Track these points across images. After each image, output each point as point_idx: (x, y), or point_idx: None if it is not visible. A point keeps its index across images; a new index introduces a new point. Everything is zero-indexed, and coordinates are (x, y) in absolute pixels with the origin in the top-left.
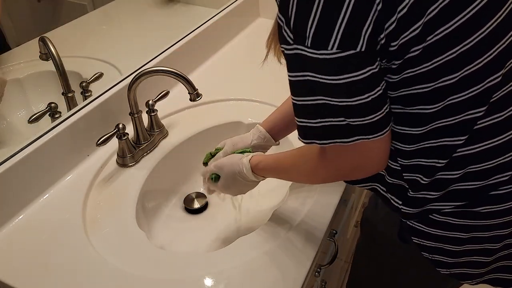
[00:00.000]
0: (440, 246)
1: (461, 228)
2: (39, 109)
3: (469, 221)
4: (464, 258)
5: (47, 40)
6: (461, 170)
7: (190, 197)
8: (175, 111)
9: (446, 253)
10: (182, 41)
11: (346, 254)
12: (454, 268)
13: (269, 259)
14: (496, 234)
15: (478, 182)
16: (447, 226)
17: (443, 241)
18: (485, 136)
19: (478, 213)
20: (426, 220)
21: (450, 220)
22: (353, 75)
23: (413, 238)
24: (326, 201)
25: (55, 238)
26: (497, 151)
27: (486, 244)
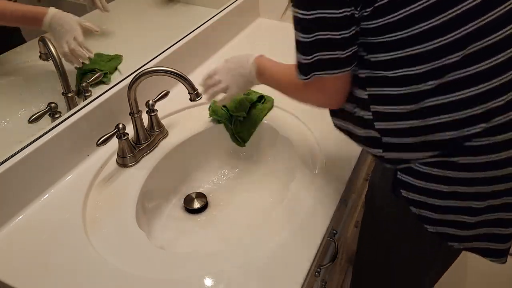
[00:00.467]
0: (424, 200)
1: (443, 180)
2: (39, 109)
3: (450, 171)
4: (448, 215)
5: (47, 40)
6: (432, 117)
7: (190, 197)
8: (175, 111)
9: (431, 207)
10: (182, 41)
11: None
12: (439, 226)
13: (269, 259)
14: (478, 191)
15: (451, 132)
16: (430, 177)
17: (427, 194)
18: (455, 87)
19: (456, 164)
20: (411, 171)
21: (431, 171)
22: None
23: (401, 191)
24: (326, 201)
25: (55, 238)
26: (468, 103)
27: (469, 202)
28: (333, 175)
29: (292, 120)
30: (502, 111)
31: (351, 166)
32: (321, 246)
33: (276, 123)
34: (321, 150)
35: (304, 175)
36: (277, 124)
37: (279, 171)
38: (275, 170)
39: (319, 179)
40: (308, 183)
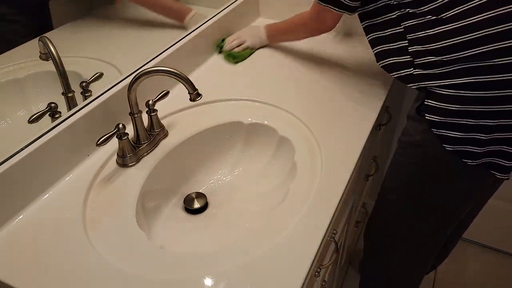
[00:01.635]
0: (445, 120)
1: (461, 100)
2: (39, 109)
3: (467, 92)
4: (466, 133)
5: (47, 40)
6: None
7: (190, 197)
8: (175, 111)
9: (451, 127)
10: (182, 41)
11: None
12: (457, 145)
13: (269, 259)
14: (489, 109)
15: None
16: (449, 98)
17: (449, 115)
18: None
19: (464, 84)
20: (433, 95)
21: (450, 92)
22: None
23: (426, 115)
24: (327, 200)
25: (55, 238)
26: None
27: (481, 120)
28: (333, 175)
29: (292, 120)
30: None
31: (351, 166)
32: (321, 246)
33: (276, 123)
34: (321, 150)
35: (304, 175)
36: (277, 124)
37: (279, 171)
38: (275, 170)
39: (319, 179)
40: (308, 183)
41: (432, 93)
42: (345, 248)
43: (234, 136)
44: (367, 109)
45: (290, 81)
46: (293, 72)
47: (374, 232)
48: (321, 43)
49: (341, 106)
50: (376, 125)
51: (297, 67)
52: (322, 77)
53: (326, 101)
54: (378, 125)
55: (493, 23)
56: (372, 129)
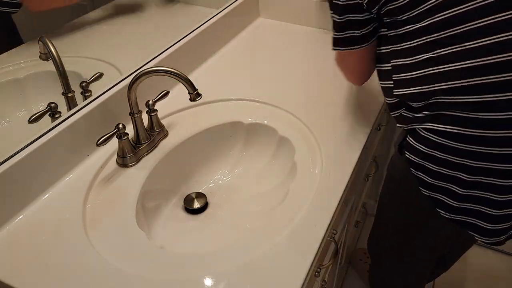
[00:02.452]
0: (422, 163)
1: (439, 146)
2: (39, 109)
3: (445, 140)
4: (440, 182)
5: (47, 40)
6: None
7: (190, 197)
8: (175, 111)
9: (427, 172)
10: (182, 41)
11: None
12: (432, 191)
13: (269, 259)
14: (465, 163)
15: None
16: (428, 142)
17: (425, 158)
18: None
19: (449, 133)
20: (414, 134)
21: (430, 136)
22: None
23: (405, 152)
24: (326, 201)
25: (55, 238)
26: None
27: (457, 172)
28: (333, 175)
29: (292, 120)
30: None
31: (351, 166)
32: (321, 246)
33: (276, 123)
34: (321, 150)
35: (304, 175)
36: (277, 124)
37: (279, 171)
38: (275, 170)
39: (319, 179)
40: (308, 183)
41: (414, 132)
42: (345, 248)
43: (234, 136)
44: (367, 109)
45: (290, 81)
46: (293, 72)
47: (371, 245)
48: (321, 43)
49: (341, 106)
50: (376, 125)
51: (297, 67)
52: (322, 77)
53: (326, 101)
54: (378, 125)
55: (476, 73)
56: (372, 129)
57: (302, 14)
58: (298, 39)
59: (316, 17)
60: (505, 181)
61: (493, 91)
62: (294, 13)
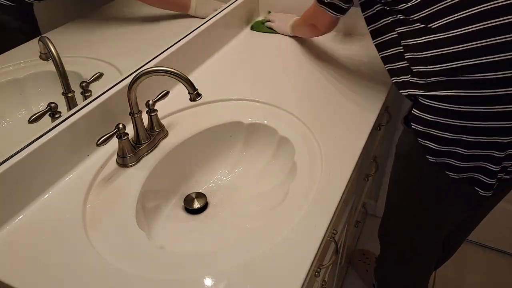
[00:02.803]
0: (427, 131)
1: (442, 112)
2: (39, 109)
3: (448, 105)
4: (446, 147)
5: (47, 40)
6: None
7: (190, 197)
8: (175, 111)
9: (433, 138)
10: (182, 41)
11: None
12: (439, 157)
13: (269, 259)
14: (468, 124)
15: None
16: (431, 110)
17: (430, 126)
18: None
19: (444, 96)
20: (418, 105)
21: (433, 104)
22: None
23: (412, 124)
24: (326, 200)
25: (55, 238)
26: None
27: (461, 135)
28: (333, 175)
29: (292, 120)
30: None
31: (351, 166)
32: (321, 246)
33: (276, 123)
34: (321, 150)
35: (304, 175)
36: (277, 124)
37: (279, 171)
38: (275, 170)
39: (319, 179)
40: (308, 183)
41: (418, 102)
42: (345, 248)
43: (234, 136)
44: (367, 109)
45: (290, 81)
46: (293, 72)
47: (381, 236)
48: (321, 43)
49: (341, 106)
50: (376, 125)
51: (297, 67)
52: (322, 77)
53: (326, 101)
54: (378, 125)
55: (478, 36)
56: (372, 129)
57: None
58: (298, 39)
59: None
60: (506, 138)
61: (499, 51)
62: (294, 13)
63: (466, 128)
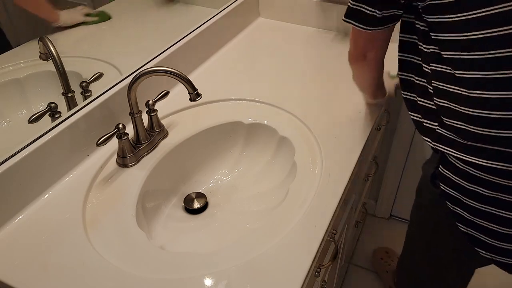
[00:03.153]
0: (460, 198)
1: (482, 182)
2: (39, 109)
3: (492, 177)
4: (481, 220)
5: (47, 40)
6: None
7: (190, 197)
8: (175, 111)
9: (466, 207)
10: (182, 41)
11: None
12: (470, 228)
13: (269, 259)
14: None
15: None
16: (468, 177)
17: (464, 193)
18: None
19: (500, 170)
20: (452, 167)
21: (470, 170)
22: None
23: (440, 184)
24: (326, 201)
25: (55, 238)
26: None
27: (505, 212)
28: (333, 175)
29: (292, 120)
30: None
31: (351, 166)
32: (321, 246)
33: (276, 123)
34: (321, 150)
35: (304, 175)
36: (277, 124)
37: (279, 171)
38: (275, 170)
39: (319, 179)
40: (308, 183)
41: (447, 163)
42: (345, 248)
43: (234, 136)
44: (367, 109)
45: (290, 81)
46: (293, 72)
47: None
48: (322, 43)
49: (342, 106)
50: (376, 125)
51: (297, 67)
52: (322, 77)
53: (326, 101)
54: (378, 125)
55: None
56: (372, 129)
57: (302, 14)
58: (298, 39)
59: (316, 17)
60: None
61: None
62: (294, 13)
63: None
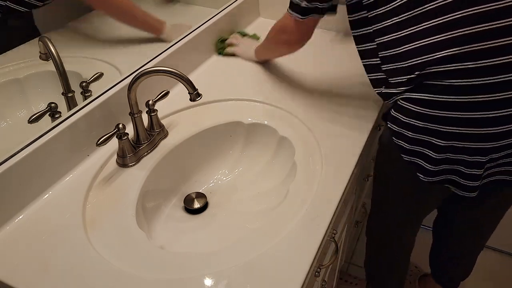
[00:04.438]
0: (400, 131)
1: (418, 116)
2: (39, 109)
3: (421, 108)
4: (417, 147)
5: (47, 40)
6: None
7: (190, 197)
8: (175, 111)
9: (405, 138)
10: (182, 41)
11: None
12: (411, 156)
13: (269, 259)
14: (439, 128)
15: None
16: (408, 112)
17: (403, 126)
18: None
19: (425, 100)
20: (395, 105)
21: (410, 107)
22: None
23: (387, 123)
24: (326, 200)
25: (55, 238)
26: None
27: (433, 138)
28: (333, 175)
29: (292, 120)
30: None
31: (351, 166)
32: (321, 246)
33: (276, 123)
34: (321, 150)
35: (304, 175)
36: (277, 124)
37: (279, 171)
38: (275, 170)
39: (319, 179)
40: (308, 183)
41: (395, 103)
42: (345, 248)
43: (234, 136)
44: (367, 109)
45: (290, 81)
46: (293, 72)
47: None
48: (321, 43)
49: (341, 106)
50: (376, 125)
51: (297, 67)
52: (322, 77)
53: (326, 101)
54: (378, 125)
55: (458, 43)
56: (372, 129)
57: None
58: None
59: None
60: (477, 144)
61: (474, 59)
62: None
63: (438, 132)
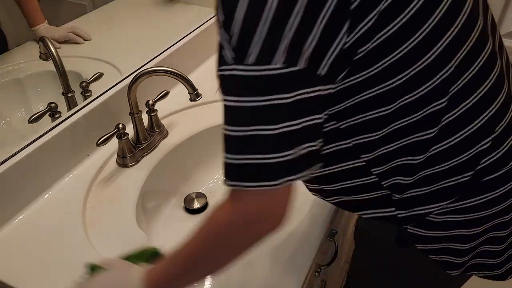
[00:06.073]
0: (446, 246)
1: (465, 224)
2: (39, 109)
3: (468, 215)
4: (475, 252)
5: (47, 40)
6: (440, 164)
7: (190, 197)
8: (175, 111)
9: (454, 252)
10: (182, 41)
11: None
12: (464, 266)
13: (269, 259)
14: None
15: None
16: (447, 225)
17: (448, 240)
18: (454, 130)
19: (473, 206)
20: (424, 223)
21: (448, 218)
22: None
23: (416, 245)
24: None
25: (55, 238)
26: (468, 142)
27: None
28: None
29: None
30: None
31: None
32: (321, 246)
33: None
34: None
35: None
36: None
37: None
38: None
39: None
40: None
41: (421, 221)
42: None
43: None
44: None
45: None
46: None
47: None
48: None
49: None
50: None
51: None
52: None
53: None
54: None
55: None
56: None
57: None
58: None
59: None
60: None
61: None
62: None
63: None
